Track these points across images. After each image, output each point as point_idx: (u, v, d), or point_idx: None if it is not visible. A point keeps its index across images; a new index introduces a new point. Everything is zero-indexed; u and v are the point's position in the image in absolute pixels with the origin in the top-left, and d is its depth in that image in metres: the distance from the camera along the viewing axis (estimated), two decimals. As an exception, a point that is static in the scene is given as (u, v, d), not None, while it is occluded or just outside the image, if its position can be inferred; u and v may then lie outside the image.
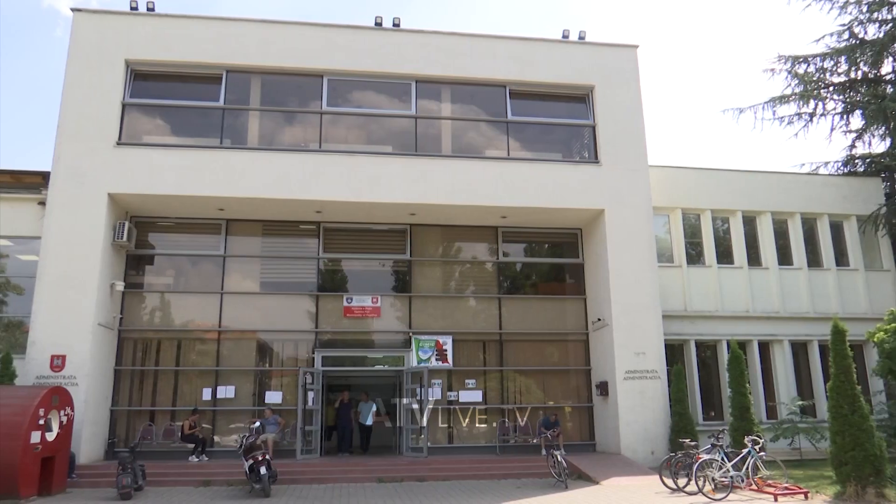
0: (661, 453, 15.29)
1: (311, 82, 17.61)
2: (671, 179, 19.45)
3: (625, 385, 16.37)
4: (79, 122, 15.97)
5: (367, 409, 18.10)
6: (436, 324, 17.92)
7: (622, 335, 16.64)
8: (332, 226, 18.07)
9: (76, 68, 16.32)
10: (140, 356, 16.90)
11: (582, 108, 18.51)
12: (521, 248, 19.27)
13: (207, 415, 16.50)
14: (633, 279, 16.95)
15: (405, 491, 12.96)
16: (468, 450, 17.08)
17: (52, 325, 14.78)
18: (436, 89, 18.25)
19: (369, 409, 18.12)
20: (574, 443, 17.21)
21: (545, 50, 18.40)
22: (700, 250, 19.64)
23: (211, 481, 13.73)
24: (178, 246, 17.78)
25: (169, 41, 16.94)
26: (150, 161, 16.09)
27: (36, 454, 11.93)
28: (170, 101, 17.29)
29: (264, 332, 17.46)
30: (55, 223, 15.34)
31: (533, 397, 18.00)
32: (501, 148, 18.06)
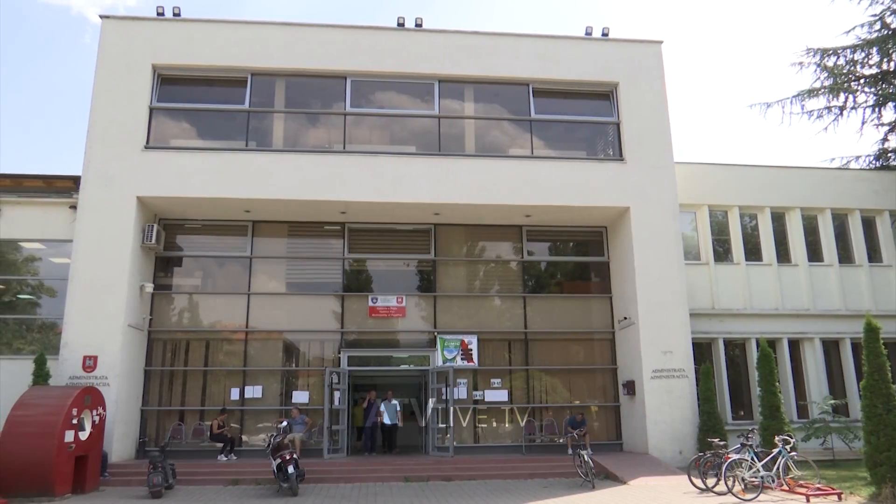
0: (690, 453, 15.14)
1: (334, 84, 17.72)
2: (697, 176, 19.22)
3: (652, 384, 16.22)
4: (108, 126, 16.25)
5: (392, 408, 17.77)
6: (461, 323, 17.92)
7: (649, 334, 16.49)
8: (357, 226, 18.16)
9: (105, 74, 16.61)
10: (169, 356, 17.15)
11: (606, 106, 18.37)
12: (546, 246, 19.19)
13: (235, 414, 16.69)
14: (660, 277, 16.79)
15: (432, 490, 12.98)
16: (494, 449, 17.05)
17: (84, 327, 15.06)
18: (458, 88, 18.25)
19: (393, 408, 17.80)
20: (601, 442, 17.09)
21: (568, 47, 18.30)
22: (728, 247, 19.39)
23: (239, 480, 13.88)
24: (205, 248, 18.01)
25: (194, 46, 17.17)
26: (178, 164, 16.32)
27: (70, 453, 12.18)
28: (196, 105, 17.52)
29: (290, 333, 17.60)
30: (86, 226, 15.63)
31: (559, 396, 17.92)
32: (525, 146, 18.01)
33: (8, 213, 16.82)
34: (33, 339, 16.79)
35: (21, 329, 16.89)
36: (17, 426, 11.95)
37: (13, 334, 16.77)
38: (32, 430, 11.88)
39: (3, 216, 16.77)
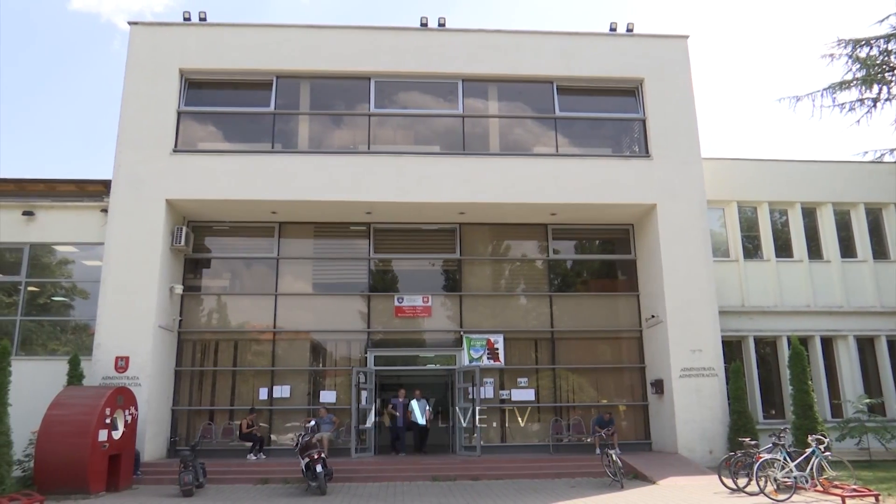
0: (720, 452, 14.93)
1: (358, 85, 17.81)
2: (725, 172, 18.95)
3: (681, 383, 16.03)
4: (137, 131, 16.52)
5: (421, 407, 17.45)
6: (487, 322, 17.89)
7: (677, 332, 16.29)
8: (382, 226, 18.22)
9: (134, 79, 16.89)
10: (199, 357, 17.39)
11: (631, 102, 18.21)
12: (572, 244, 19.08)
13: (264, 414, 16.86)
14: (688, 275, 16.58)
15: (459, 490, 12.98)
16: (521, 449, 17.00)
17: (116, 328, 15.33)
18: (482, 87, 18.23)
19: (423, 407, 17.46)
20: (629, 442, 16.94)
21: (592, 44, 18.17)
22: (757, 244, 19.10)
23: (269, 479, 14.02)
24: (233, 249, 18.22)
25: (220, 50, 17.38)
26: (205, 167, 16.54)
27: (104, 452, 12.42)
28: (222, 108, 17.73)
29: (317, 333, 17.73)
30: (117, 229, 15.91)
31: (586, 396, 17.80)
32: (550, 144, 17.92)
33: (42, 218, 17.18)
34: (67, 340, 17.13)
35: (55, 330, 17.25)
36: (53, 425, 12.22)
37: (48, 336, 17.13)
38: (68, 429, 12.15)
39: (37, 220, 17.13)
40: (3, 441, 11.78)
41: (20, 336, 16.67)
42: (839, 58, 22.14)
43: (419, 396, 17.56)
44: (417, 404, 17.38)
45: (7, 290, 17.24)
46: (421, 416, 17.29)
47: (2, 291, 17.30)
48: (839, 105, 22.35)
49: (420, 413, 17.29)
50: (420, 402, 17.45)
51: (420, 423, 17.32)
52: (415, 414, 17.24)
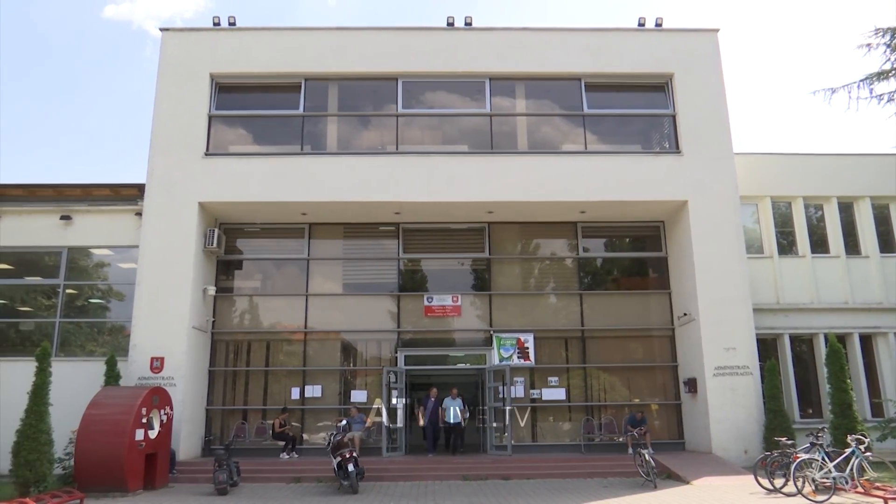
0: (755, 452, 14.67)
1: (386, 86, 17.88)
2: (758, 167, 18.63)
3: (714, 382, 15.79)
4: (169, 135, 16.80)
5: (456, 406, 16.93)
6: (516, 321, 17.83)
7: (710, 330, 16.06)
8: (411, 226, 18.28)
9: (166, 84, 17.18)
10: (232, 357, 17.62)
11: (661, 98, 17.99)
12: (602, 242, 18.92)
13: (296, 413, 17.02)
14: (721, 272, 16.33)
15: (490, 489, 12.96)
16: (552, 448, 16.91)
17: (151, 329, 15.61)
18: (510, 86, 18.17)
19: (458, 406, 16.94)
20: (662, 441, 16.75)
21: (621, 39, 18.01)
22: (792, 240, 18.74)
23: (301, 478, 14.16)
24: (264, 250, 18.42)
25: (250, 54, 17.59)
26: (236, 170, 16.76)
27: (140, 451, 12.66)
28: (252, 112, 17.94)
29: (348, 333, 17.85)
30: (151, 232, 16.19)
31: (618, 395, 17.64)
32: (578, 142, 17.79)
33: (79, 222, 17.57)
34: (104, 341, 17.50)
35: (93, 332, 17.63)
36: (91, 424, 12.49)
37: (85, 337, 17.52)
38: (106, 429, 12.41)
39: (74, 224, 17.53)
40: (44, 440, 12.12)
41: (59, 338, 17.08)
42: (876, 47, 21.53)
43: (455, 395, 17.12)
44: (453, 403, 17.03)
45: (46, 292, 17.67)
46: (456, 415, 16.86)
47: (41, 294, 17.74)
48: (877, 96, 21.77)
49: (455, 412, 16.88)
50: (455, 401, 17.03)
51: (455, 423, 16.90)
52: (450, 413, 16.84)
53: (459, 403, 17.00)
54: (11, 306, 17.70)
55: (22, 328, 17.59)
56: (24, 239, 17.54)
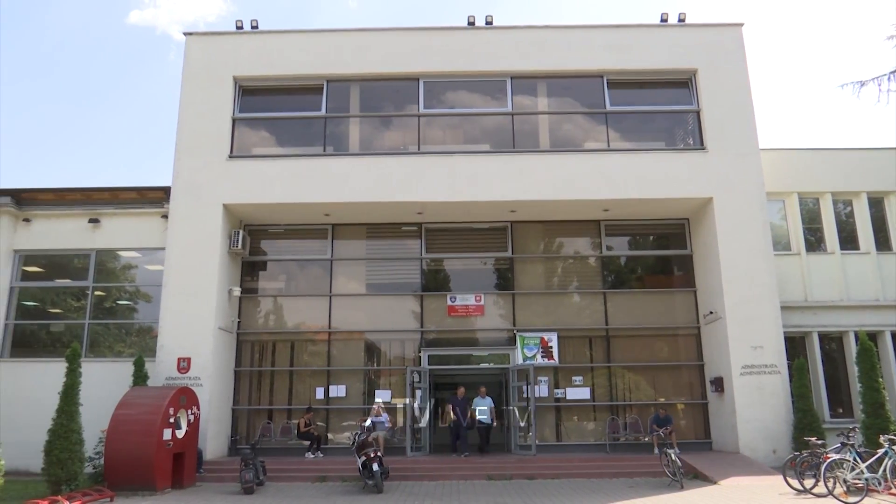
0: (784, 452, 14.45)
1: (407, 86, 17.91)
2: (785, 162, 18.34)
3: (741, 380, 15.59)
4: (194, 138, 16.99)
5: (486, 405, 16.70)
6: (540, 321, 17.76)
7: (737, 328, 15.86)
8: (434, 226, 18.29)
9: (190, 88, 17.38)
10: (257, 357, 17.78)
11: (685, 94, 17.81)
12: (625, 241, 18.77)
13: (321, 413, 17.12)
14: (747, 269, 16.12)
15: (515, 489, 12.93)
16: (577, 448, 16.82)
17: (178, 330, 15.80)
18: (531, 84, 18.11)
19: (488, 405, 16.73)
20: (688, 441, 16.57)
21: (643, 36, 17.85)
22: (820, 236, 18.42)
23: (326, 477, 14.24)
24: (288, 251, 18.56)
25: (272, 56, 17.72)
26: (260, 172, 16.90)
27: (168, 450, 12.82)
28: (275, 114, 18.07)
29: (371, 333, 17.91)
30: (177, 234, 16.39)
31: (643, 394, 17.49)
32: (601, 140, 17.67)
33: (106, 224, 17.86)
34: (132, 342, 17.77)
35: (121, 333, 17.91)
36: (120, 424, 12.69)
37: (114, 338, 17.80)
38: (134, 428, 12.59)
39: (102, 227, 17.82)
40: (75, 439, 12.33)
41: (88, 339, 17.37)
42: (906, 39, 21.14)
43: (484, 394, 16.89)
44: (482, 402, 16.73)
45: (76, 294, 17.98)
46: (486, 414, 16.61)
47: (71, 296, 18.05)
48: (907, 89, 21.35)
49: (486, 411, 16.64)
50: (485, 399, 16.78)
51: (486, 423, 16.66)
52: (478, 412, 16.56)
53: (489, 402, 16.82)
54: (42, 308, 18.04)
55: (52, 329, 17.92)
56: (54, 242, 17.88)
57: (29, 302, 18.00)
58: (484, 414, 16.62)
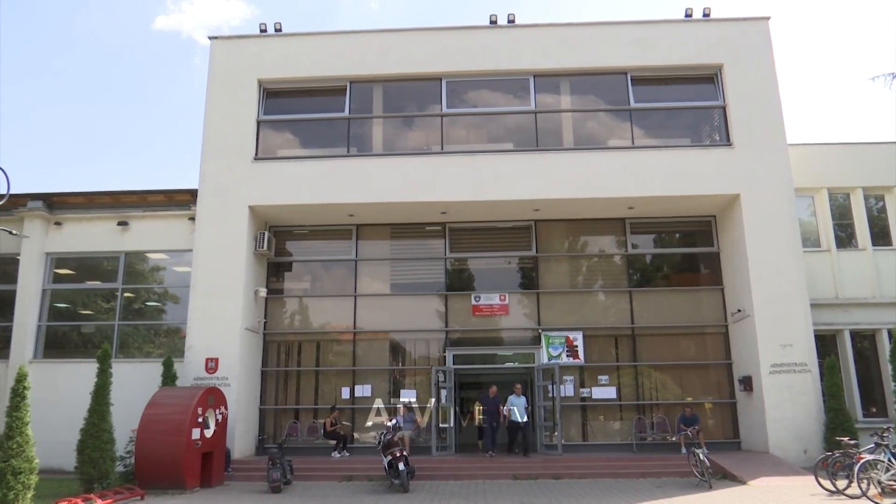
0: (815, 452, 14.19)
1: (430, 86, 17.92)
2: (814, 157, 18.03)
3: (770, 379, 15.36)
4: (220, 141, 17.17)
5: (520, 404, 16.14)
6: (564, 320, 17.67)
7: (765, 326, 15.63)
8: (457, 226, 18.29)
9: (215, 91, 17.56)
10: (283, 358, 17.93)
11: (710, 89, 17.59)
12: (651, 238, 18.60)
13: (346, 413, 17.20)
14: (776, 266, 15.88)
15: (540, 488, 12.88)
16: (603, 448, 16.71)
17: (206, 331, 15.99)
18: (554, 82, 18.02)
19: (522, 404, 16.16)
20: (716, 441, 16.36)
21: (667, 31, 17.67)
22: (851, 232, 18.08)
23: (353, 476, 14.31)
24: (313, 252, 18.68)
25: (296, 59, 17.84)
26: (285, 173, 17.03)
27: (197, 449, 12.98)
28: (299, 116, 18.19)
29: (396, 333, 17.96)
30: (204, 236, 16.59)
31: (669, 393, 17.32)
32: (625, 137, 17.53)
33: (135, 227, 18.13)
34: (161, 343, 18.03)
35: (149, 334, 18.18)
36: (150, 423, 12.88)
37: (143, 339, 18.08)
38: (164, 428, 12.77)
39: (131, 230, 18.09)
40: (106, 438, 12.56)
41: (118, 340, 17.65)
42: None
43: (519, 392, 16.34)
44: (517, 401, 16.14)
45: (105, 296, 18.29)
46: (522, 414, 16.07)
47: (101, 298, 18.36)
48: (941, 81, 20.88)
49: (521, 411, 16.06)
50: (520, 398, 16.20)
51: (521, 422, 16.08)
52: (515, 412, 16.01)
53: (524, 401, 16.29)
54: (73, 310, 18.38)
55: (83, 331, 18.25)
56: (84, 244, 18.20)
57: (60, 304, 18.35)
58: (520, 413, 16.06)
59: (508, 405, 16.20)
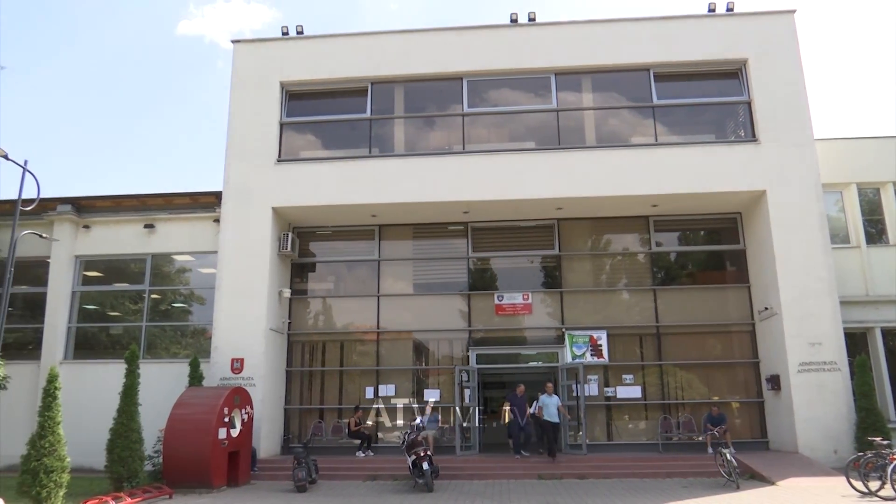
0: (846, 453, 13.94)
1: (451, 86, 17.92)
2: (842, 152, 17.72)
3: (799, 378, 15.12)
4: (243, 143, 17.34)
5: (553, 403, 15.55)
6: (588, 319, 17.56)
7: (793, 325, 15.38)
8: (480, 225, 18.26)
9: (239, 95, 17.73)
10: (307, 358, 18.05)
11: (735, 85, 17.36)
12: (675, 236, 18.41)
13: (370, 412, 17.26)
14: (804, 263, 15.62)
15: (565, 488, 12.81)
16: (628, 447, 16.57)
17: (231, 331, 16.15)
18: (576, 80, 17.91)
19: (555, 403, 15.56)
20: (744, 440, 16.16)
21: (690, 26, 17.47)
22: (881, 228, 17.73)
23: (377, 475, 14.37)
24: (336, 253, 18.78)
25: (318, 60, 17.94)
26: (308, 175, 17.14)
27: (223, 449, 13.11)
28: (322, 117, 18.29)
29: (419, 332, 17.98)
30: (228, 238, 16.75)
31: (696, 392, 17.13)
32: (648, 134, 17.37)
33: (161, 229, 18.37)
34: (187, 343, 18.25)
35: (176, 335, 18.41)
36: (177, 423, 13.04)
37: (170, 340, 18.32)
38: (191, 427, 12.92)
39: (157, 232, 18.33)
40: (135, 438, 12.73)
41: (146, 341, 17.90)
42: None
43: (551, 391, 15.83)
44: (549, 401, 15.59)
45: (133, 298, 18.56)
46: (554, 413, 15.51)
47: (129, 299, 18.63)
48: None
49: (553, 410, 15.51)
50: (552, 398, 15.64)
51: (555, 422, 15.51)
52: (548, 411, 15.44)
53: (556, 400, 15.70)
54: (102, 311, 18.68)
55: (112, 332, 18.54)
56: (112, 247, 18.49)
57: (89, 305, 18.66)
58: (553, 413, 15.52)
59: (540, 404, 15.68)
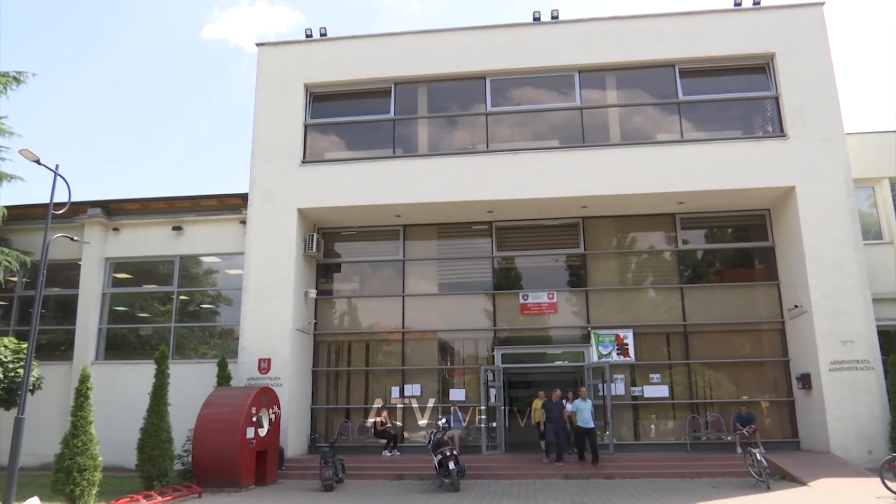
0: (880, 453, 13.68)
1: (474, 85, 17.90)
2: (873, 146, 17.36)
3: (830, 377, 14.85)
4: (268, 145, 17.50)
5: (587, 408, 14.93)
6: (614, 317, 17.43)
7: (824, 322, 15.12)
8: (504, 224, 18.23)
9: (263, 97, 17.90)
10: (333, 358, 18.16)
11: (762, 79, 17.11)
12: (702, 234, 18.19)
13: (396, 412, 17.31)
14: (834, 260, 15.34)
15: (592, 488, 12.74)
16: (656, 447, 16.42)
17: (258, 332, 16.31)
18: (600, 77, 17.79)
19: (589, 408, 14.95)
20: (774, 440, 15.92)
21: (716, 21, 17.24)
22: (916, 223, 17.36)
23: (404, 475, 14.41)
24: (361, 253, 18.87)
25: (341, 62, 18.04)
26: (332, 176, 17.24)
27: (251, 448, 13.25)
28: (345, 119, 18.38)
29: (445, 332, 18.00)
30: (255, 239, 16.92)
31: (724, 392, 16.91)
32: (673, 131, 17.19)
33: (189, 231, 18.61)
34: (215, 344, 18.47)
35: (204, 335, 18.64)
36: (206, 423, 13.21)
37: (198, 340, 18.55)
38: (219, 427, 13.08)
39: (185, 234, 18.57)
40: (165, 437, 12.93)
41: (175, 341, 18.14)
42: None
43: (584, 396, 15.27)
44: (583, 405, 14.96)
45: (162, 299, 18.83)
46: (589, 419, 14.83)
47: (157, 301, 18.90)
48: None
49: (588, 415, 14.84)
50: (586, 402, 15.03)
51: (590, 428, 14.84)
52: (583, 417, 14.80)
53: (590, 405, 15.11)
54: (131, 313, 18.98)
55: (141, 333, 18.82)
56: (141, 249, 18.77)
57: (119, 307, 18.97)
58: (588, 418, 14.86)
59: (573, 409, 15.07)
